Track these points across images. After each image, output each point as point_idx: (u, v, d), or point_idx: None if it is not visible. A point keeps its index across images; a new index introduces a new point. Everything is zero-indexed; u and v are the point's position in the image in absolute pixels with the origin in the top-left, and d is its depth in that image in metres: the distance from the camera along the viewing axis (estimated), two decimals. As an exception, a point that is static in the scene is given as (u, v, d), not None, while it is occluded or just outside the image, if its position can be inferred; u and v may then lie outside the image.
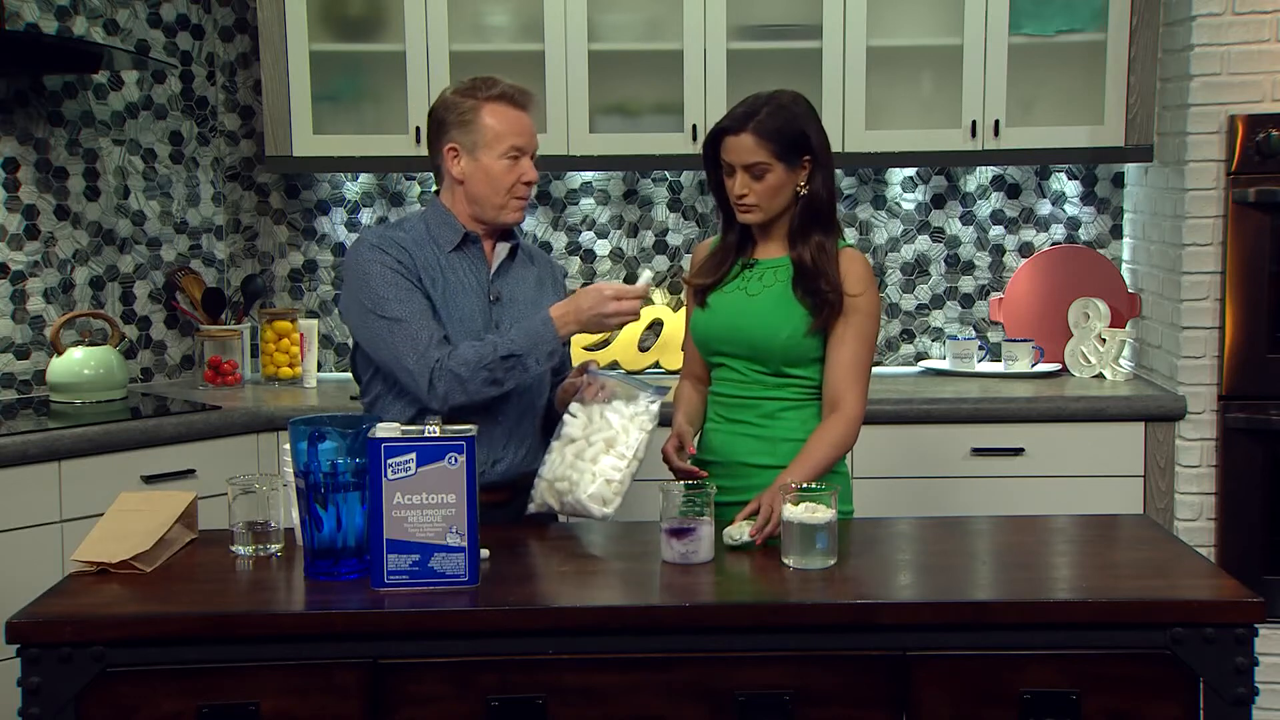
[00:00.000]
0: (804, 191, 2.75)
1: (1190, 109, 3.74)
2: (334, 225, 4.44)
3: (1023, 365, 4.16)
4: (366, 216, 4.42)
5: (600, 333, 2.65)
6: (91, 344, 3.97)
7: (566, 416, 2.69)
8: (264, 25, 4.04)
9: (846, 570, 2.39)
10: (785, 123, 2.71)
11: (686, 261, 4.39)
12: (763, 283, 2.80)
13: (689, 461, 2.75)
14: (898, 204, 4.40)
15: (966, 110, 4.01)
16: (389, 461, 2.23)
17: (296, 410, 3.82)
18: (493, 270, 2.86)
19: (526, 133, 2.81)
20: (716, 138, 2.76)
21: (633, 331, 4.27)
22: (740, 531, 2.49)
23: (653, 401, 2.66)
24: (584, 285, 4.43)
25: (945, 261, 4.41)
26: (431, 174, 4.33)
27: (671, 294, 4.42)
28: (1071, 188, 4.37)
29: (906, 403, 3.82)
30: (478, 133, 2.78)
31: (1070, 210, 4.37)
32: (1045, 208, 4.38)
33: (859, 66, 3.99)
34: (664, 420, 2.80)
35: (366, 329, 2.75)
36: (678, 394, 2.98)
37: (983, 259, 4.41)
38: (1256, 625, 2.20)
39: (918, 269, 4.41)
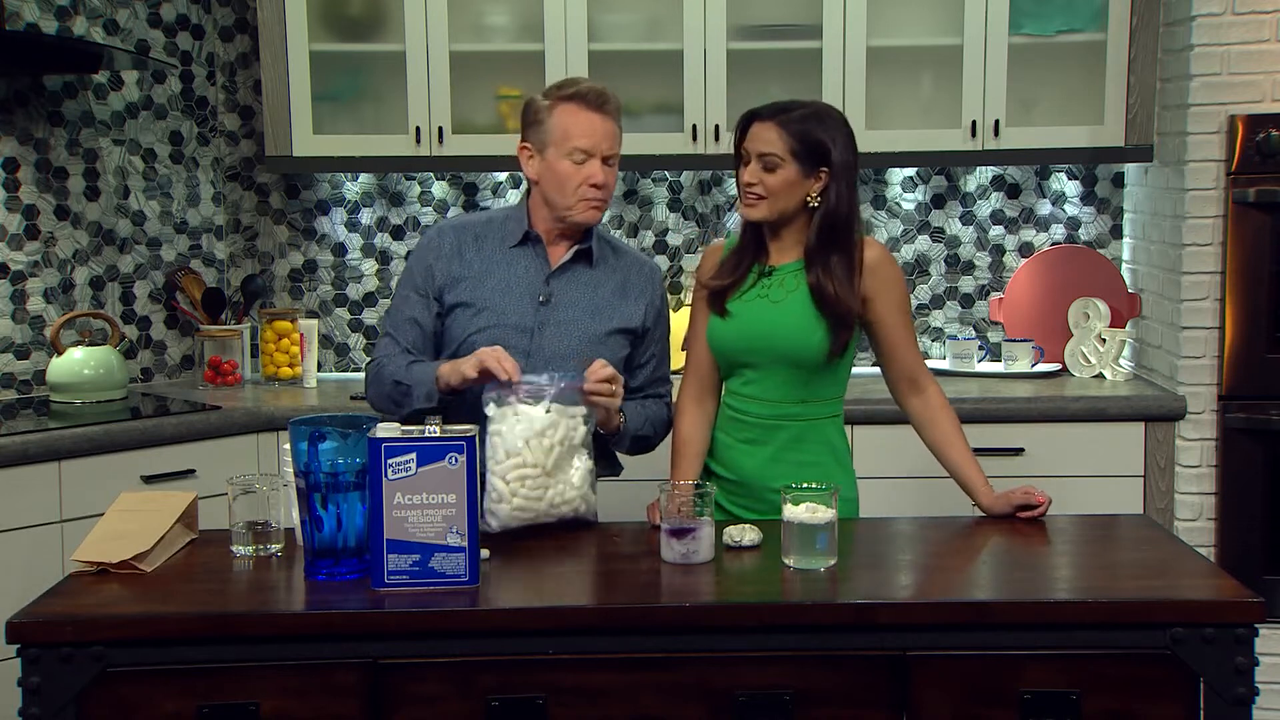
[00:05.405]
0: (816, 204, 2.74)
1: (1190, 109, 3.74)
2: (334, 225, 4.44)
3: (1023, 365, 4.16)
4: (366, 216, 4.42)
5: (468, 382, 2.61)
6: (91, 344, 3.97)
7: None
8: (264, 25, 4.04)
9: (846, 570, 2.39)
10: (811, 127, 2.71)
11: (687, 262, 4.39)
12: (785, 288, 2.77)
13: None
14: (898, 204, 4.40)
15: (966, 110, 4.00)
16: (389, 461, 2.23)
17: (296, 410, 3.82)
18: (552, 271, 2.83)
19: (595, 135, 2.73)
20: (748, 122, 2.76)
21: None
22: (741, 532, 2.50)
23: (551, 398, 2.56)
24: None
25: (945, 261, 4.41)
26: (431, 174, 4.38)
27: (672, 294, 4.41)
28: (1071, 188, 4.37)
29: (906, 403, 3.81)
30: (546, 133, 2.76)
31: (1070, 210, 4.37)
32: (1045, 208, 4.38)
33: (859, 66, 3.99)
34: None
35: None
36: (677, 433, 2.85)
37: (983, 259, 4.41)
38: (1256, 625, 2.20)
39: (918, 269, 4.41)
